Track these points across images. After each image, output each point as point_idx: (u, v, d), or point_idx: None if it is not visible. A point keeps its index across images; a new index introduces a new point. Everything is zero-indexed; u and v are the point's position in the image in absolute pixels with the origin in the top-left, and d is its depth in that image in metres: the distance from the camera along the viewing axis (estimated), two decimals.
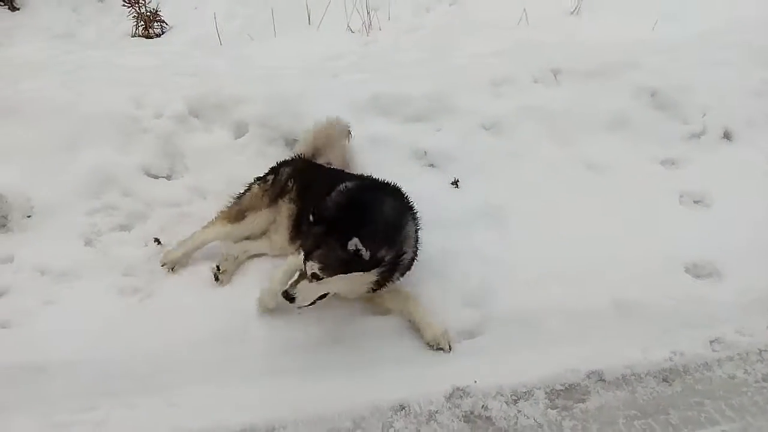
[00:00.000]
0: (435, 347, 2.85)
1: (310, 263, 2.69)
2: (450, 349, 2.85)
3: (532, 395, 2.71)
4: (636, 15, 5.26)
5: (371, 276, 2.80)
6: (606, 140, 4.03)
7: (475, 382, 2.74)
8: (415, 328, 2.91)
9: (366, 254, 2.67)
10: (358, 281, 2.81)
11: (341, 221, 2.74)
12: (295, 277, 2.76)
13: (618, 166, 3.87)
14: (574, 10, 5.59)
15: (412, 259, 2.99)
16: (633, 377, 2.79)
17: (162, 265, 3.35)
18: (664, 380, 2.78)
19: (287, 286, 2.74)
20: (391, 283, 2.91)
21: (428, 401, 2.68)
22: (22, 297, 3.20)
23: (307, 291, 2.73)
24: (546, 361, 2.82)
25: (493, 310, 3.05)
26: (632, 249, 3.33)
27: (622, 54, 4.52)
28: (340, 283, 2.77)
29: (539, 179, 3.78)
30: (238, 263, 3.35)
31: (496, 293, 3.12)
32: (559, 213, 3.56)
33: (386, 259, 2.81)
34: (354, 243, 2.64)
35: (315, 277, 2.70)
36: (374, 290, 2.91)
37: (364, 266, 2.73)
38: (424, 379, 2.76)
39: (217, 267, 3.26)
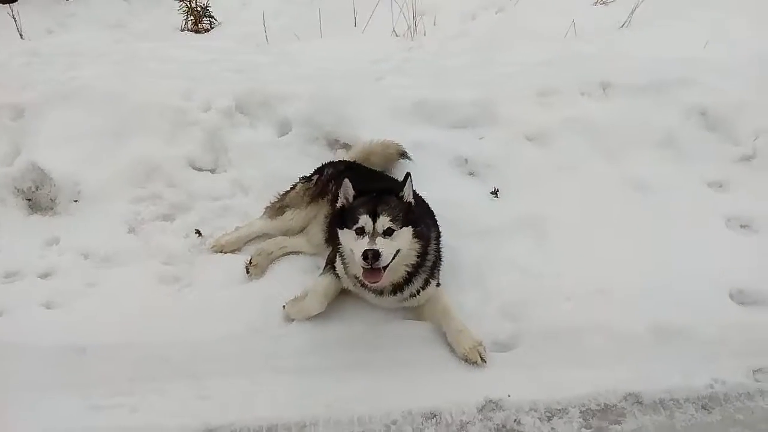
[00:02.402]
0: (467, 361, 2.84)
1: (381, 219, 2.69)
2: (483, 362, 2.83)
3: (567, 413, 2.67)
4: (687, 33, 5.13)
5: (415, 245, 2.83)
6: (654, 158, 3.95)
7: (509, 395, 2.72)
8: (448, 341, 2.91)
9: (411, 200, 2.86)
10: (409, 243, 2.80)
11: (386, 186, 2.90)
12: (365, 241, 2.66)
13: (664, 185, 3.79)
14: (624, 24, 5.50)
15: (432, 270, 2.98)
16: (671, 402, 2.73)
17: (212, 247, 3.46)
18: (704, 408, 2.71)
19: (367, 245, 2.63)
20: (417, 278, 2.92)
21: (460, 411, 2.67)
22: (65, 279, 3.30)
23: (387, 246, 2.66)
24: (582, 379, 2.78)
25: (529, 323, 3.02)
26: (676, 271, 3.25)
27: (673, 71, 4.42)
28: (404, 240, 2.76)
29: (582, 194, 3.73)
30: (272, 258, 3.40)
31: (533, 307, 3.09)
32: (602, 229, 3.50)
33: (425, 232, 2.87)
34: (408, 182, 2.83)
35: (387, 233, 2.69)
36: (409, 279, 2.90)
37: (415, 217, 2.84)
38: (457, 389, 2.75)
39: (250, 260, 3.33)
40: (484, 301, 3.13)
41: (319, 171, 3.62)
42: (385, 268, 2.68)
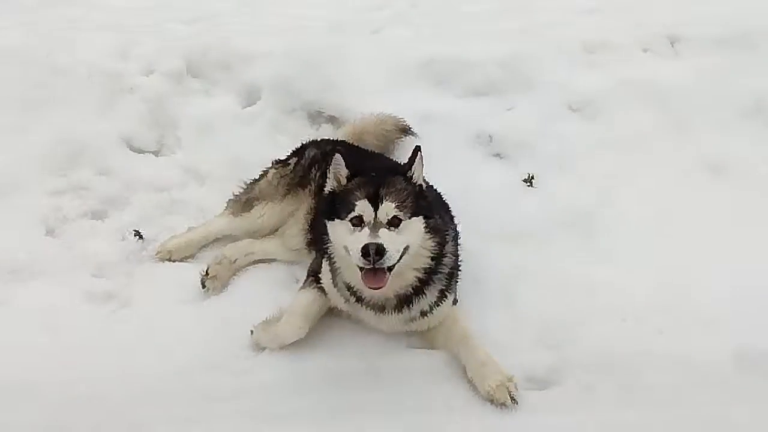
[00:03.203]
0: (492, 402, 2.83)
1: (385, 205, 2.70)
2: (514, 403, 2.82)
3: None
4: None
5: (429, 241, 2.84)
6: (738, 134, 3.96)
7: None
8: (468, 376, 2.91)
9: (424, 183, 2.90)
10: (421, 239, 2.81)
11: (388, 169, 2.91)
12: (364, 233, 2.65)
13: (753, 170, 3.81)
14: None
15: (449, 279, 3.01)
16: None
17: (157, 254, 3.48)
18: None
19: (367, 238, 2.61)
20: (430, 289, 2.94)
21: None
22: None
23: (393, 240, 2.64)
24: (646, 425, 2.77)
25: (575, 352, 3.02)
26: None
27: (764, 18, 4.44)
28: (414, 233, 2.76)
29: (645, 181, 3.75)
30: (236, 268, 3.42)
31: (580, 330, 3.10)
32: (671, 228, 3.52)
33: (440, 225, 2.91)
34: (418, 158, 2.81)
35: (393, 223, 2.69)
36: (419, 290, 2.91)
37: (428, 205, 2.88)
38: None
39: (206, 271, 3.34)
40: (515, 323, 3.14)
41: (298, 153, 3.62)
42: (390, 269, 2.67)
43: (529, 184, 3.82)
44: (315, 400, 2.88)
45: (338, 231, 2.78)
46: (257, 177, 3.63)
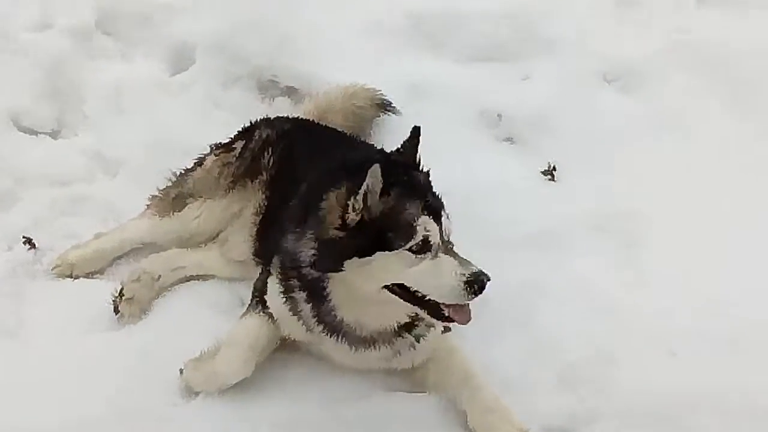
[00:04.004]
0: None
1: (445, 218, 2.77)
2: None
3: None
4: None
5: None
6: None
7: None
8: (470, 427, 2.91)
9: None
10: None
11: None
12: (448, 261, 2.69)
13: None
14: None
15: None
16: None
17: (54, 268, 3.47)
18: None
19: (462, 267, 2.68)
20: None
21: None
22: None
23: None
24: None
25: (608, 394, 3.01)
26: None
27: None
28: None
29: (701, 171, 3.77)
30: (160, 288, 3.42)
31: (614, 365, 3.10)
32: (734, 231, 3.54)
33: None
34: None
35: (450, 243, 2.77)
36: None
37: None
38: None
39: (120, 292, 3.32)
40: (531, 355, 3.14)
41: (245, 134, 3.62)
42: None
43: (549, 176, 3.87)
44: None
45: (390, 266, 2.71)
46: (191, 166, 3.62)
